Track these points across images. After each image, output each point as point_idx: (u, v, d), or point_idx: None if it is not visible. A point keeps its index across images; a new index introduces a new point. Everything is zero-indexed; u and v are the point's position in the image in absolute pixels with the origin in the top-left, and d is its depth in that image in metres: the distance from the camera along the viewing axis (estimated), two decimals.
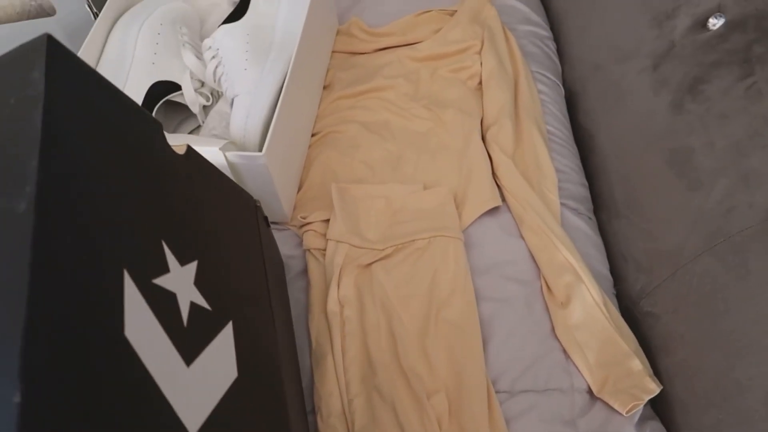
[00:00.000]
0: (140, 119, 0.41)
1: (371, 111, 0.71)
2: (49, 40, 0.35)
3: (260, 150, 0.59)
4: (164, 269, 0.36)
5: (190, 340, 0.36)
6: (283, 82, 0.63)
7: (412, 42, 0.77)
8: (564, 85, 0.82)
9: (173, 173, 0.42)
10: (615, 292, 0.63)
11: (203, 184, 0.48)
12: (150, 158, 0.42)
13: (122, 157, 0.39)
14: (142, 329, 0.32)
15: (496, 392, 0.53)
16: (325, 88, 0.75)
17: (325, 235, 0.60)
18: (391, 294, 0.56)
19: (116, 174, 0.38)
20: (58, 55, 0.37)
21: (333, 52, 0.78)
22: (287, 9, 0.70)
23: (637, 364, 0.54)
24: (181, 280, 0.37)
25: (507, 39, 0.77)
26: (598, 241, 0.65)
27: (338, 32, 0.80)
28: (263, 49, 0.67)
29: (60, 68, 0.36)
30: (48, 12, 0.73)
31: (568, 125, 0.76)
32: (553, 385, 0.54)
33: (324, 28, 0.75)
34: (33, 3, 0.75)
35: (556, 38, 0.86)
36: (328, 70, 0.76)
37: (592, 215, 0.68)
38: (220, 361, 0.39)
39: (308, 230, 0.62)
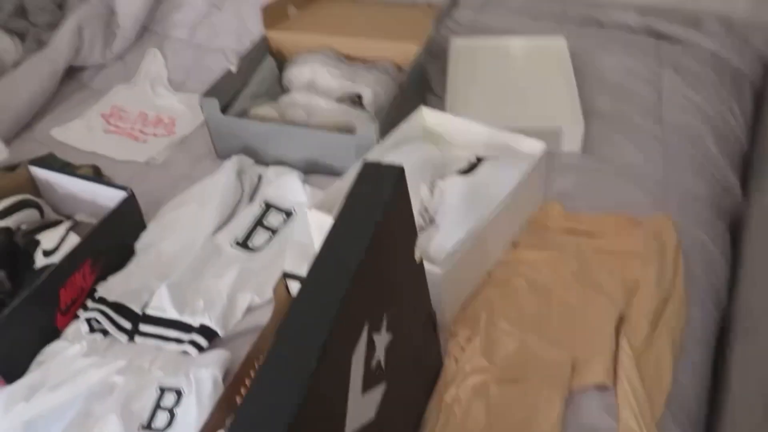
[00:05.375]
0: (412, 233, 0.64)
1: (540, 274, 0.89)
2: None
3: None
4: (378, 330, 0.57)
5: (368, 378, 0.55)
6: (479, 228, 0.85)
7: (595, 235, 0.94)
8: (727, 317, 0.91)
9: (411, 274, 0.65)
10: None
11: (420, 283, 0.71)
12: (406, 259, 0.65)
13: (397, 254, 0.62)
14: (358, 358, 0.53)
15: None
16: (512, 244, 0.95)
17: (462, 348, 0.79)
18: (492, 409, 0.73)
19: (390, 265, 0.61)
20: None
21: (529, 222, 0.99)
22: (503, 178, 0.93)
23: None
24: (381, 342, 0.58)
25: (677, 261, 0.90)
26: None
27: (539, 207, 1.01)
28: (473, 200, 0.91)
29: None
30: (351, 130, 1.07)
31: (711, 352, 0.85)
32: None
33: (527, 200, 0.97)
34: (344, 122, 1.10)
35: (733, 277, 0.96)
36: (520, 232, 0.97)
37: (695, 431, 0.76)
38: (370, 404, 0.57)
39: (455, 341, 0.81)
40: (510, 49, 1.33)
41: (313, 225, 0.92)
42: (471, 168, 0.98)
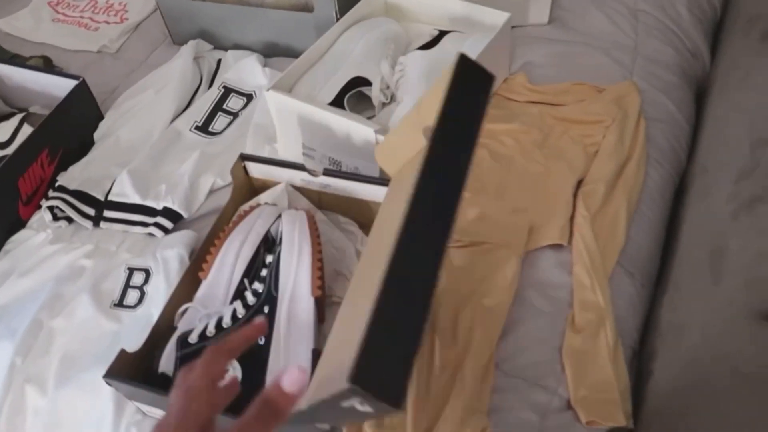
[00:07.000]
0: None
1: (502, 145, 0.89)
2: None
3: None
4: None
5: None
6: None
7: (558, 104, 0.94)
8: (683, 178, 0.93)
9: None
10: (637, 348, 0.74)
11: None
12: None
13: None
14: None
15: (496, 368, 0.69)
16: None
17: None
18: (453, 271, 0.75)
19: None
20: None
21: (492, 94, 0.98)
22: (465, 50, 0.91)
23: (616, 398, 0.66)
24: None
25: (638, 124, 0.90)
26: (638, 303, 0.77)
27: (505, 80, 0.99)
28: (434, 74, 0.89)
29: None
30: (309, 9, 1.03)
31: (666, 211, 0.87)
32: (542, 383, 0.68)
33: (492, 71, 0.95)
34: (302, 0, 1.05)
35: (694, 136, 0.97)
36: None
37: (645, 284, 0.79)
38: None
39: None
40: None
41: (272, 106, 0.90)
42: (433, 42, 0.96)
